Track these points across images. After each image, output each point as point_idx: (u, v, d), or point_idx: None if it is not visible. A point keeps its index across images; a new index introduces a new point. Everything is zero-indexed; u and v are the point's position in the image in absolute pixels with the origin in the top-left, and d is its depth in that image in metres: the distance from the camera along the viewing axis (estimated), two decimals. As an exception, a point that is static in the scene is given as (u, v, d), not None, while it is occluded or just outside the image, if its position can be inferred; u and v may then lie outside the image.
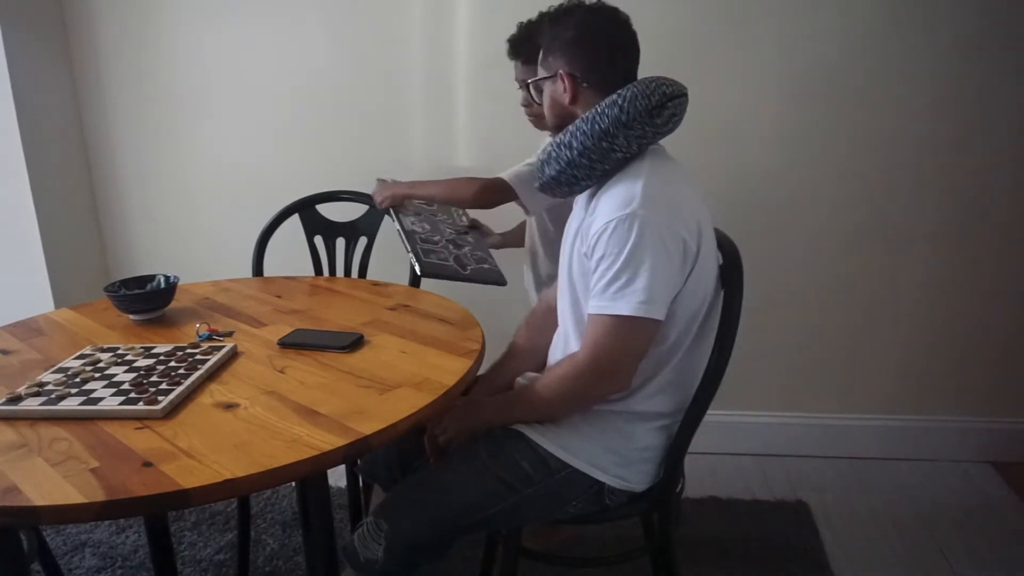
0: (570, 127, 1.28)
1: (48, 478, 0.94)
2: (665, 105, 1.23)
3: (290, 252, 2.04)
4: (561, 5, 1.39)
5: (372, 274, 2.01)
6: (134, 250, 2.62)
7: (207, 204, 2.53)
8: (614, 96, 1.24)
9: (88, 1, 2.39)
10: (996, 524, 2.07)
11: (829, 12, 2.11)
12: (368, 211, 2.04)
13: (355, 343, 1.36)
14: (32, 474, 0.95)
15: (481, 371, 1.44)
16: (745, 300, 1.31)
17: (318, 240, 2.05)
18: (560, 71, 1.32)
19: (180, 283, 1.66)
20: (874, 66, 2.14)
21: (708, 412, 1.32)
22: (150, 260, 2.60)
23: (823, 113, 2.19)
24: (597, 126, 1.23)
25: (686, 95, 1.28)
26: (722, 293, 1.36)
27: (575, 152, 1.26)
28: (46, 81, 2.39)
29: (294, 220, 2.04)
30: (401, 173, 2.35)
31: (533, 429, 1.34)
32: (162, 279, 1.62)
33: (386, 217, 2.01)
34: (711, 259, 1.29)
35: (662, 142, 1.32)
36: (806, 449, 2.42)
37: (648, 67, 1.33)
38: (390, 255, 2.05)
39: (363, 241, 2.04)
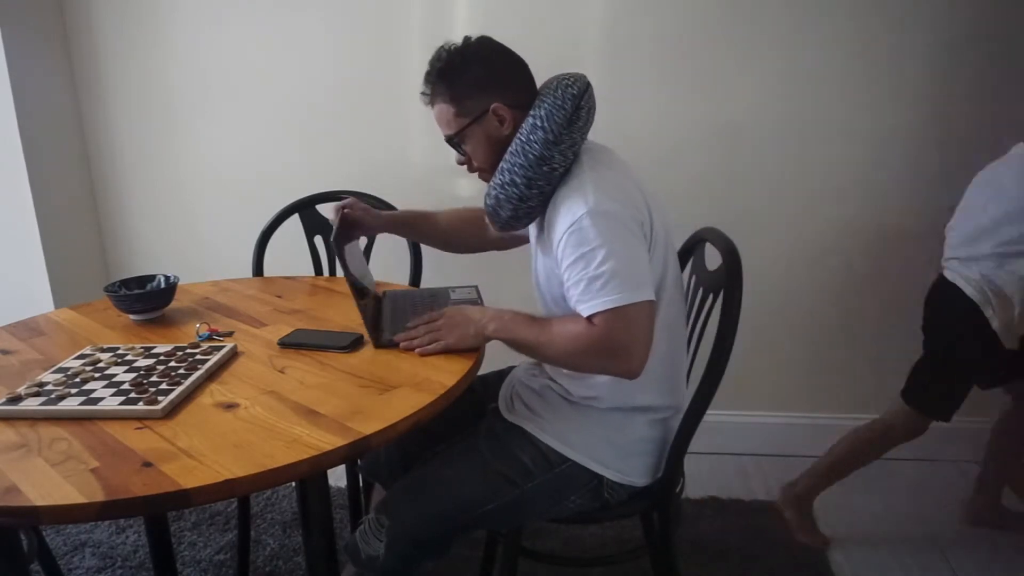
0: (504, 166, 1.30)
1: (48, 478, 0.94)
2: (579, 107, 1.26)
3: (290, 252, 2.03)
4: (440, 61, 1.33)
5: (372, 274, 2.01)
6: (134, 250, 2.62)
7: (207, 204, 2.52)
8: (531, 120, 1.27)
9: (88, 1, 2.39)
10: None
11: (829, 12, 2.11)
12: (368, 211, 2.03)
13: (355, 343, 1.36)
14: (32, 474, 0.95)
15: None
16: (744, 300, 1.31)
17: (318, 240, 2.05)
18: (491, 106, 1.31)
19: (180, 283, 1.66)
20: (875, 66, 2.14)
21: (708, 412, 1.32)
22: (150, 260, 2.60)
23: (824, 113, 2.19)
24: (531, 155, 1.26)
25: (588, 83, 1.30)
26: (681, 277, 1.40)
27: (522, 187, 1.28)
28: (46, 81, 2.39)
29: (294, 220, 2.03)
30: (401, 173, 2.36)
31: (532, 423, 1.36)
32: (162, 279, 1.62)
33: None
34: (662, 238, 1.30)
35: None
36: (806, 449, 2.41)
37: (650, 68, 1.32)
38: (390, 255, 2.05)
39: (363, 241, 2.03)
